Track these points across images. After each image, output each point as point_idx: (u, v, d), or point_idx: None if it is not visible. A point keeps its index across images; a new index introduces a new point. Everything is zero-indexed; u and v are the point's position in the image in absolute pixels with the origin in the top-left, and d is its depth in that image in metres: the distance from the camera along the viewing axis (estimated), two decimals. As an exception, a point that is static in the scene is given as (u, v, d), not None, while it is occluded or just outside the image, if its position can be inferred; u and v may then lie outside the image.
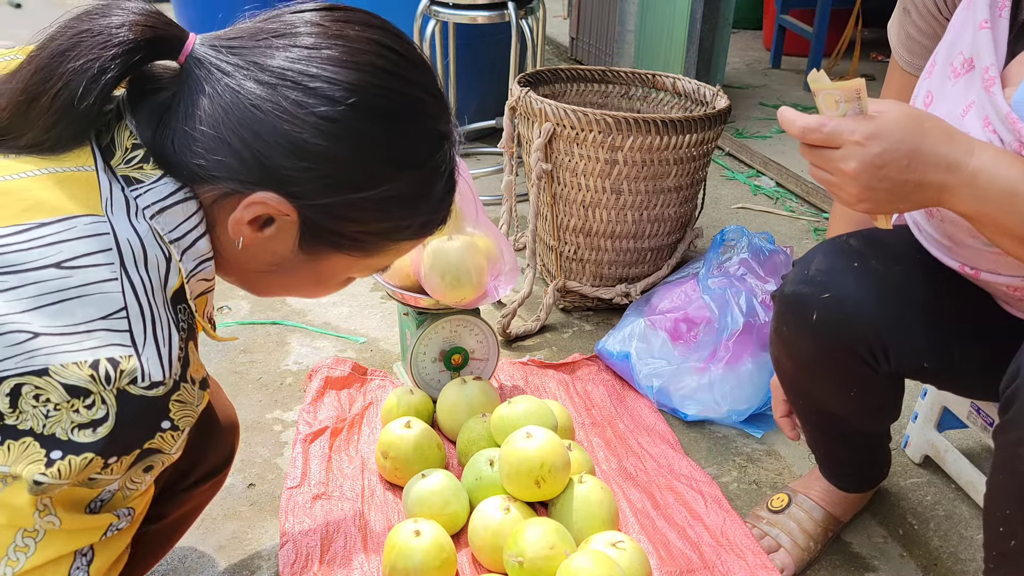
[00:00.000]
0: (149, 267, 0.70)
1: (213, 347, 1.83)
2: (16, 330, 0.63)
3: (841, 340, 1.06)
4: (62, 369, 0.64)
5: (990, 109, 0.84)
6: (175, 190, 0.73)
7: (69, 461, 0.65)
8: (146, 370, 0.67)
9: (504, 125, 2.00)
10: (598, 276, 1.99)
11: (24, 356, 0.63)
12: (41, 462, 0.65)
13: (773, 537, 1.31)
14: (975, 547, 1.36)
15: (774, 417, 1.32)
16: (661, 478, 1.46)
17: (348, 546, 1.29)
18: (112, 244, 0.68)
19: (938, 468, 1.51)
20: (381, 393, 1.67)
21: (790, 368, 1.19)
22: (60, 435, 0.65)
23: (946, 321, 1.04)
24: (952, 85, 0.91)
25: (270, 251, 0.78)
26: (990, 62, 0.85)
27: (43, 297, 0.65)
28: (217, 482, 0.95)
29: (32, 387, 0.64)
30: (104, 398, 0.65)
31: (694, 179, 1.93)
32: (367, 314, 1.98)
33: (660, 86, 2.18)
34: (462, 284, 1.43)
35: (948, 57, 0.93)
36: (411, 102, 0.77)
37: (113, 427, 0.65)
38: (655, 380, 1.67)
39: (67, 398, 0.64)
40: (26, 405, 0.64)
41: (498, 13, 2.41)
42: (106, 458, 0.67)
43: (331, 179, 0.73)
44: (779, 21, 4.04)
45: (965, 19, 0.91)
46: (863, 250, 1.07)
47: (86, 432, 0.65)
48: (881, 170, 0.80)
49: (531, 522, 1.19)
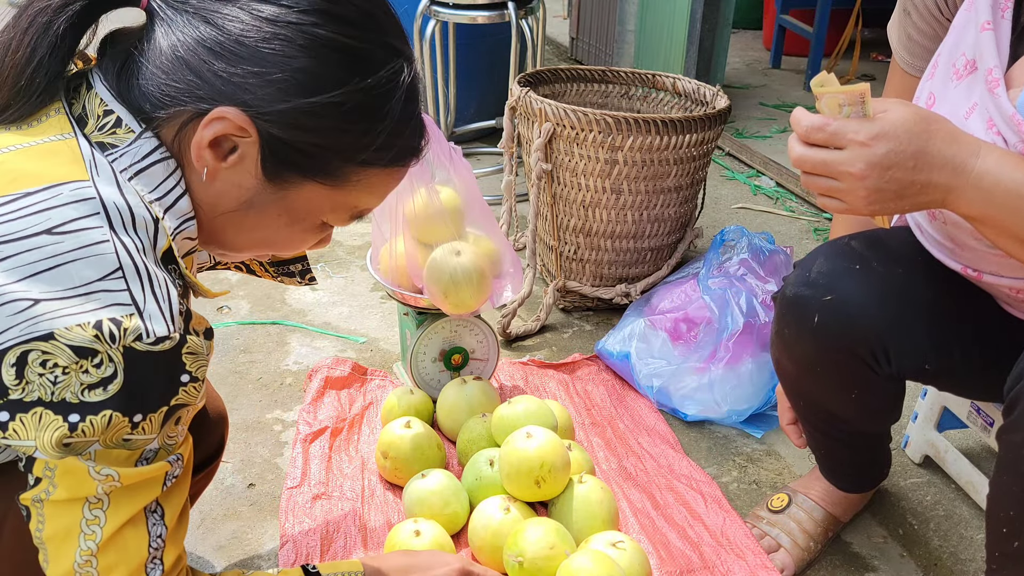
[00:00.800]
0: (138, 228, 0.72)
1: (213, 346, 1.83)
2: (16, 299, 0.65)
3: (842, 342, 1.06)
4: (67, 332, 0.65)
5: (994, 111, 0.84)
6: (151, 151, 0.74)
7: (90, 421, 0.67)
8: (149, 327, 0.68)
9: (504, 125, 2.00)
10: (598, 276, 1.99)
11: (27, 323, 0.65)
12: (63, 427, 0.66)
13: (773, 537, 1.31)
14: (975, 547, 1.36)
15: (780, 425, 1.32)
16: (661, 478, 1.46)
17: (348, 546, 1.29)
18: (99, 208, 0.70)
19: (938, 468, 1.51)
20: (381, 393, 1.67)
21: (791, 370, 1.19)
22: (70, 399, 0.66)
23: (947, 323, 1.04)
24: (955, 87, 0.91)
25: (236, 184, 0.78)
26: (993, 64, 0.85)
27: (38, 264, 0.66)
28: (209, 473, 0.95)
29: (39, 353, 0.65)
30: (111, 356, 0.66)
31: (694, 179, 1.93)
32: (367, 314, 1.98)
33: (660, 86, 2.19)
34: (463, 300, 1.42)
35: (950, 59, 0.92)
36: (362, 13, 0.77)
37: (123, 384, 0.67)
38: (655, 380, 1.67)
39: (75, 359, 0.65)
40: (32, 374, 0.65)
41: (498, 13, 2.41)
42: (130, 416, 0.68)
43: (284, 84, 0.73)
44: (779, 21, 4.04)
45: (967, 20, 0.91)
46: (864, 252, 1.07)
47: (96, 392, 0.66)
48: (888, 171, 0.80)
49: (531, 522, 1.19)
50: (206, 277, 2.13)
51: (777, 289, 1.18)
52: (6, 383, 0.65)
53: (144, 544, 0.74)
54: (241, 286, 2.08)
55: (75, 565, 0.71)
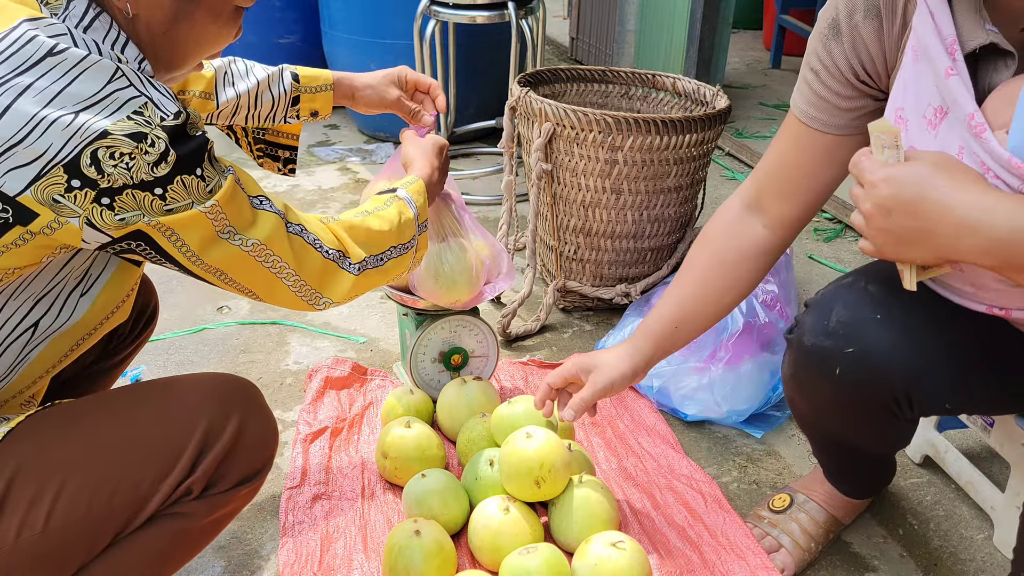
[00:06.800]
0: (113, 58, 0.83)
1: (213, 347, 1.83)
2: (57, 118, 0.77)
3: (865, 392, 1.05)
4: (115, 125, 0.78)
5: (986, 156, 0.81)
6: (85, 8, 0.85)
7: (171, 189, 0.82)
8: (162, 107, 0.82)
9: (504, 125, 2.00)
10: (598, 276, 1.99)
11: (80, 131, 0.77)
12: (156, 200, 0.81)
13: (774, 537, 1.31)
14: (975, 547, 1.36)
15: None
16: (661, 478, 1.46)
17: (348, 546, 1.29)
18: (72, 41, 0.81)
19: (938, 468, 1.51)
20: (381, 393, 1.66)
21: (806, 410, 1.19)
22: (146, 177, 0.80)
23: (970, 363, 1.03)
24: (933, 136, 0.89)
25: (157, 5, 0.88)
26: (972, 108, 0.83)
27: (58, 83, 0.78)
28: (254, 487, 0.98)
29: (104, 148, 0.78)
30: (157, 135, 0.80)
31: (694, 179, 1.93)
32: (367, 314, 1.98)
33: (660, 86, 2.18)
34: (456, 285, 1.43)
35: (917, 110, 0.91)
36: None
37: (176, 153, 0.81)
38: (655, 380, 1.67)
39: (134, 144, 0.79)
40: (108, 167, 0.78)
41: (498, 13, 2.41)
42: (193, 172, 0.83)
43: None
44: (779, 21, 4.04)
45: (919, 72, 0.89)
46: (884, 298, 1.05)
47: (162, 166, 0.81)
48: (890, 215, 0.80)
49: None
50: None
51: (786, 326, 1.17)
52: (93, 178, 0.78)
53: (275, 215, 0.95)
54: (241, 286, 2.08)
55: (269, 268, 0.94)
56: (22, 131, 0.76)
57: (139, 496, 0.88)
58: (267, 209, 0.94)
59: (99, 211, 0.80)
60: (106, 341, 1.24)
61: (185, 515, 0.92)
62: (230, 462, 0.94)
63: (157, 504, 0.89)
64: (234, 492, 0.95)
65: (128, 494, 0.87)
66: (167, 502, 0.90)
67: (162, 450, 0.90)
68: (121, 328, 1.25)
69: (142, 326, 1.30)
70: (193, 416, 0.92)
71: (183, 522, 0.92)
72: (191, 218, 0.84)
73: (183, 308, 1.98)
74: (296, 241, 0.98)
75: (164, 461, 0.89)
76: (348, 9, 2.86)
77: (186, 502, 0.92)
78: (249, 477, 0.97)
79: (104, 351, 1.25)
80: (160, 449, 0.90)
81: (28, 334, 0.91)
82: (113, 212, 0.80)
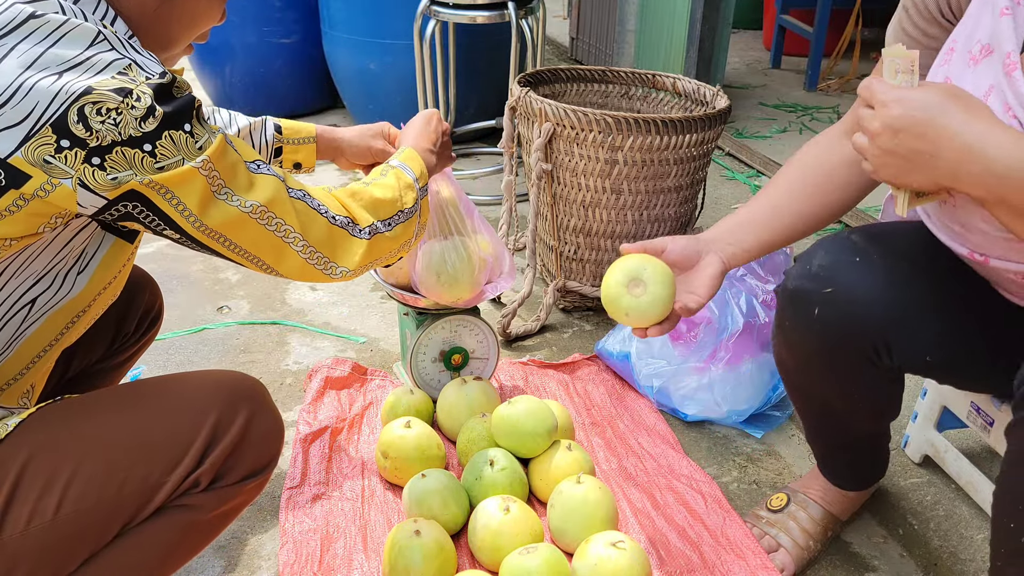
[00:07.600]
0: (97, 24, 0.84)
1: (213, 347, 1.83)
2: (42, 78, 0.78)
3: (843, 335, 1.06)
4: (99, 83, 0.79)
5: (1010, 94, 0.85)
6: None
7: (160, 145, 0.82)
8: (146, 67, 0.83)
9: (504, 125, 2.00)
10: (598, 276, 1.99)
11: (64, 89, 0.78)
12: (146, 156, 0.81)
13: (773, 537, 1.32)
14: (975, 547, 1.36)
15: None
16: (661, 478, 1.46)
17: (348, 546, 1.29)
18: (59, 8, 0.82)
19: (938, 468, 1.51)
20: (381, 393, 1.67)
21: (791, 364, 1.19)
22: (134, 133, 0.80)
23: (949, 315, 1.04)
24: (972, 71, 0.92)
25: None
26: (1011, 47, 0.86)
27: (41, 44, 0.79)
28: (261, 482, 0.99)
29: (89, 104, 0.78)
30: (143, 91, 0.81)
31: (694, 179, 1.93)
32: (367, 314, 1.98)
33: (660, 86, 2.18)
34: (458, 283, 1.43)
35: (967, 45, 0.94)
36: None
37: (162, 109, 0.81)
38: (655, 380, 1.67)
39: (120, 99, 0.79)
40: (95, 123, 0.79)
41: (498, 13, 2.41)
42: (181, 127, 0.83)
43: None
44: (779, 21, 4.04)
45: (982, 7, 0.92)
46: (865, 245, 1.07)
47: (149, 121, 0.81)
48: (898, 135, 0.82)
49: None
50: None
51: (779, 284, 1.18)
52: (81, 136, 0.78)
53: (274, 178, 0.95)
54: (241, 286, 2.08)
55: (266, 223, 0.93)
56: (6, 92, 0.77)
57: (148, 486, 0.88)
58: (265, 172, 0.94)
59: (91, 171, 0.80)
60: (112, 340, 1.24)
61: (193, 507, 0.92)
62: (238, 455, 0.94)
63: (166, 495, 0.89)
64: (241, 486, 0.96)
65: (137, 484, 0.88)
66: (175, 494, 0.91)
67: (171, 442, 0.90)
68: (126, 327, 1.26)
69: (147, 326, 1.30)
70: (202, 409, 0.92)
71: (190, 514, 0.93)
72: (183, 175, 0.84)
73: (183, 308, 1.98)
74: (299, 205, 0.98)
75: (173, 452, 0.90)
76: (348, 9, 2.86)
77: (194, 494, 0.92)
78: (256, 471, 0.97)
79: (109, 350, 1.25)
80: (169, 441, 0.90)
81: (26, 310, 0.92)
82: (105, 172, 0.80)
